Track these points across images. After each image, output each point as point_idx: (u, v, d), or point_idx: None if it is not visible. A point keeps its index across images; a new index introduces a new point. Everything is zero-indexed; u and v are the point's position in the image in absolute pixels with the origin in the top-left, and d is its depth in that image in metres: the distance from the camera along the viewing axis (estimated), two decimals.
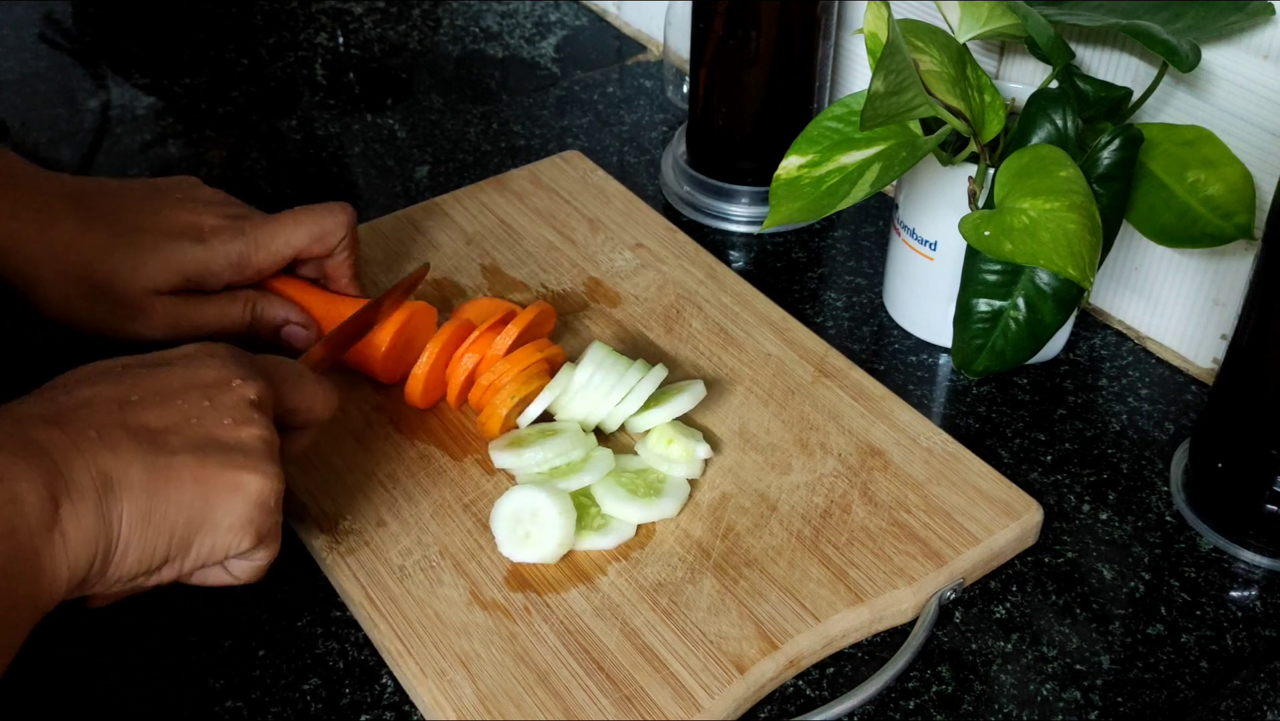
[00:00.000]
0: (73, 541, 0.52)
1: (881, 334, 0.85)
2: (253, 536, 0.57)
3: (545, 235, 0.89)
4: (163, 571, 0.57)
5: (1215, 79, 0.74)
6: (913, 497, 0.70)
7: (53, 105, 1.05)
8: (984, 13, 0.74)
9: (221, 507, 0.56)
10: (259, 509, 0.57)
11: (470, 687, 0.61)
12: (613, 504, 0.68)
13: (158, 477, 0.54)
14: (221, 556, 0.58)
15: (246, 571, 0.60)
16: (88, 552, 0.53)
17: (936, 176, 0.77)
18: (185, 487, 0.55)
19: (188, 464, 0.55)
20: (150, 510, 0.54)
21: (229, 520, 0.56)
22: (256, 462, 0.57)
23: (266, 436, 0.58)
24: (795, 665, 0.63)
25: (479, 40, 1.15)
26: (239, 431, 0.57)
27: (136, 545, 0.54)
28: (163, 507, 0.54)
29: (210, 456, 0.56)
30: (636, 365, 0.73)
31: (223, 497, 0.56)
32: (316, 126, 1.04)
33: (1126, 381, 0.81)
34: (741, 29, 0.87)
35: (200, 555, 0.57)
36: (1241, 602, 0.68)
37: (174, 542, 0.55)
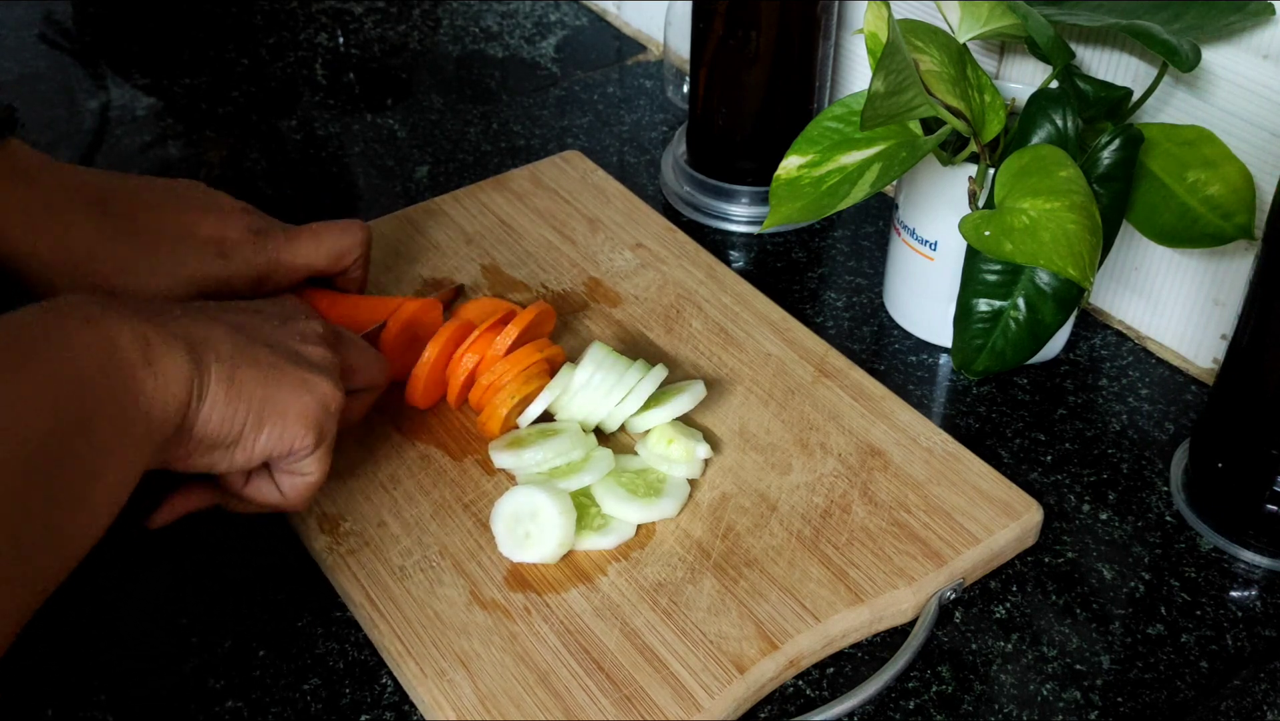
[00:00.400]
0: (169, 377, 0.56)
1: (881, 334, 0.85)
2: (315, 434, 0.61)
3: (545, 235, 0.89)
4: (235, 451, 0.60)
5: (1215, 79, 0.74)
6: (913, 497, 0.70)
7: (53, 105, 1.05)
8: (984, 13, 0.74)
9: (292, 397, 0.60)
10: (322, 408, 0.61)
11: (470, 687, 0.61)
12: (613, 504, 0.68)
13: (240, 352, 0.59)
14: (287, 447, 0.61)
15: (295, 489, 0.64)
16: (183, 390, 0.56)
17: (936, 176, 0.77)
18: (263, 369, 0.60)
19: (265, 352, 0.60)
20: (234, 374, 0.58)
21: (296, 409, 0.60)
22: (324, 371, 0.62)
23: (333, 359, 0.64)
24: (795, 665, 0.64)
25: (479, 40, 1.15)
26: (309, 348, 0.63)
27: (221, 403, 0.58)
28: (243, 376, 0.59)
29: (283, 353, 0.61)
30: (636, 365, 0.73)
31: (294, 388, 0.60)
32: (316, 126, 1.04)
33: (1126, 381, 0.81)
34: (741, 29, 0.87)
35: (270, 440, 0.60)
36: (1241, 602, 0.68)
37: (250, 415, 0.59)
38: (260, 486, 0.64)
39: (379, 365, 0.69)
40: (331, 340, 0.65)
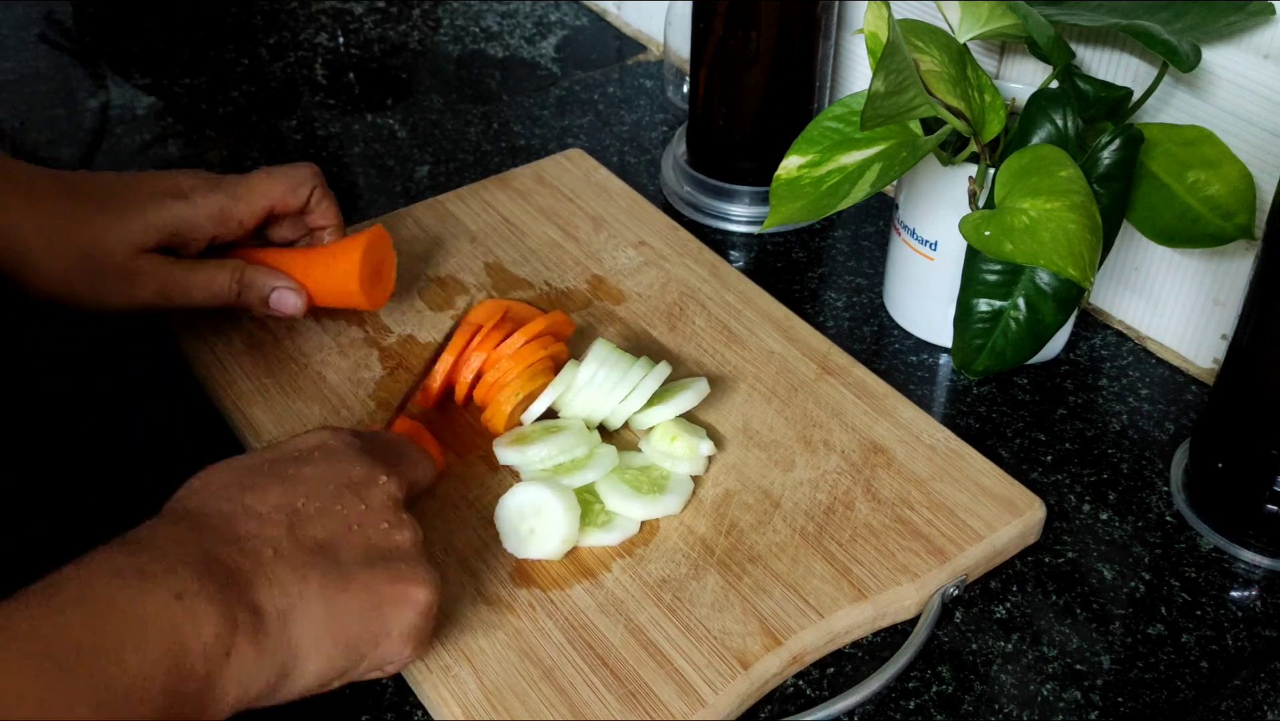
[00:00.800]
0: (246, 667, 0.52)
1: (882, 334, 0.85)
2: (418, 644, 0.58)
3: (549, 233, 0.89)
4: (332, 684, 0.57)
5: (1215, 79, 0.75)
6: (916, 494, 0.70)
7: (53, 105, 1.05)
8: (984, 13, 0.74)
9: (393, 617, 0.56)
10: (425, 617, 0.57)
11: (475, 683, 0.61)
12: (617, 500, 0.68)
13: (334, 590, 0.55)
14: (388, 664, 0.58)
15: (396, 668, 0.59)
16: (264, 677, 0.53)
17: (937, 176, 0.77)
18: (359, 599, 0.55)
19: (359, 576, 0.56)
20: (330, 624, 0.54)
21: (399, 629, 0.57)
22: (418, 571, 0.58)
23: (418, 538, 0.59)
24: (799, 661, 0.64)
25: (479, 40, 1.15)
26: (396, 536, 0.58)
27: (315, 660, 0.54)
28: (341, 621, 0.55)
29: (378, 568, 0.56)
30: (640, 362, 0.73)
31: (394, 608, 0.56)
32: (316, 126, 1.04)
33: (1126, 381, 0.81)
34: (741, 29, 0.87)
35: (372, 664, 0.57)
36: (1241, 602, 0.68)
37: (350, 654, 0.56)
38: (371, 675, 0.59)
39: (428, 468, 0.66)
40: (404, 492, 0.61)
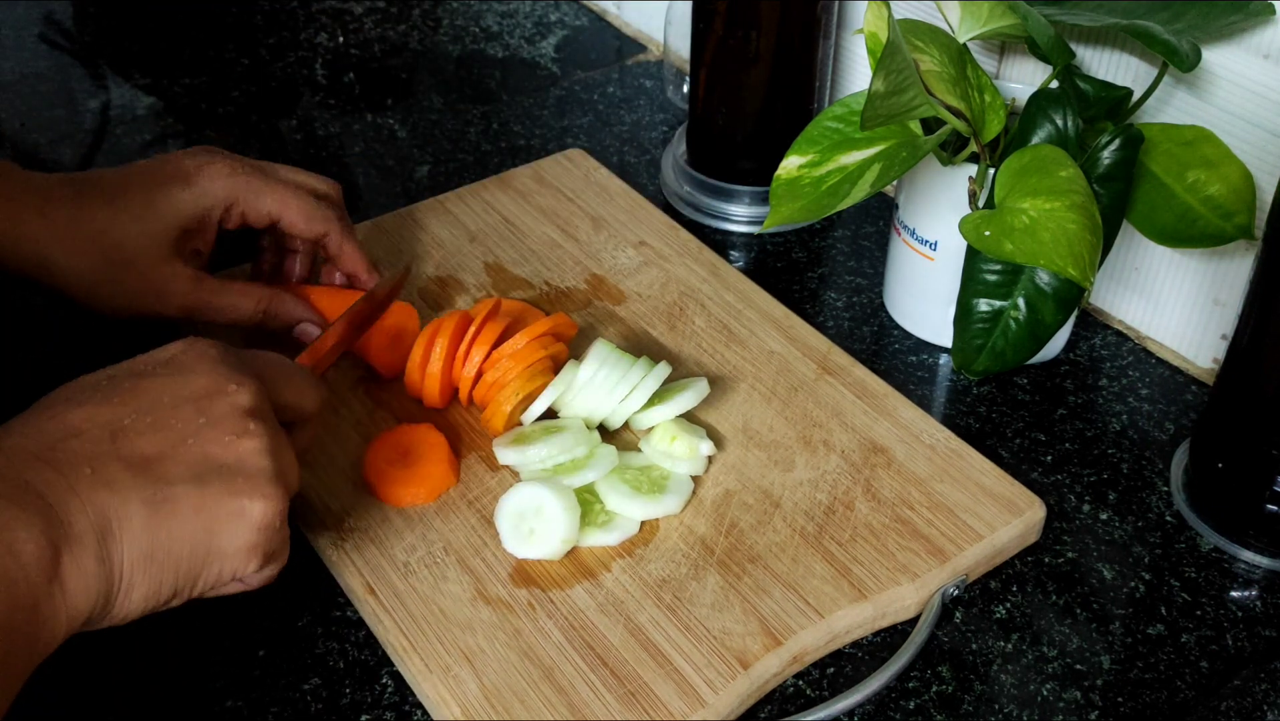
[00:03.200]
0: (72, 590, 0.50)
1: (882, 334, 0.85)
2: (259, 558, 0.56)
3: (548, 233, 0.89)
4: (171, 602, 0.55)
5: (1215, 79, 0.75)
6: (916, 494, 0.70)
7: (53, 105, 1.05)
8: (984, 13, 0.74)
9: (226, 535, 0.54)
10: (264, 532, 0.55)
11: (475, 683, 0.61)
12: (616, 500, 0.68)
13: (158, 513, 0.52)
14: (229, 580, 0.56)
15: (257, 580, 0.58)
16: (88, 600, 0.51)
17: (936, 176, 0.77)
18: (187, 519, 0.53)
19: (188, 494, 0.53)
20: (153, 548, 0.52)
21: (234, 546, 0.54)
22: (258, 485, 0.55)
23: (267, 446, 0.56)
24: (799, 661, 0.64)
25: (479, 40, 1.15)
26: (238, 447, 0.55)
27: (140, 584, 0.53)
28: (166, 543, 0.53)
29: (210, 483, 0.54)
30: (640, 362, 0.73)
31: (226, 525, 0.54)
32: (316, 126, 1.04)
33: (1126, 381, 0.81)
34: (741, 29, 0.87)
35: (208, 582, 0.55)
36: (1241, 602, 0.68)
37: (180, 576, 0.54)
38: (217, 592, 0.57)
39: (314, 391, 0.63)
40: (262, 404, 0.57)
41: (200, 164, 0.74)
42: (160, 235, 0.73)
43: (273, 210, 0.75)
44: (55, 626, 0.50)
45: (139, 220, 0.72)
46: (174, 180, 0.74)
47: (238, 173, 0.75)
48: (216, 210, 0.74)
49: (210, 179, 0.74)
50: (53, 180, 0.73)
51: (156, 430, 0.54)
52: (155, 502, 0.52)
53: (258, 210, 0.75)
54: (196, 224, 0.74)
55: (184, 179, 0.74)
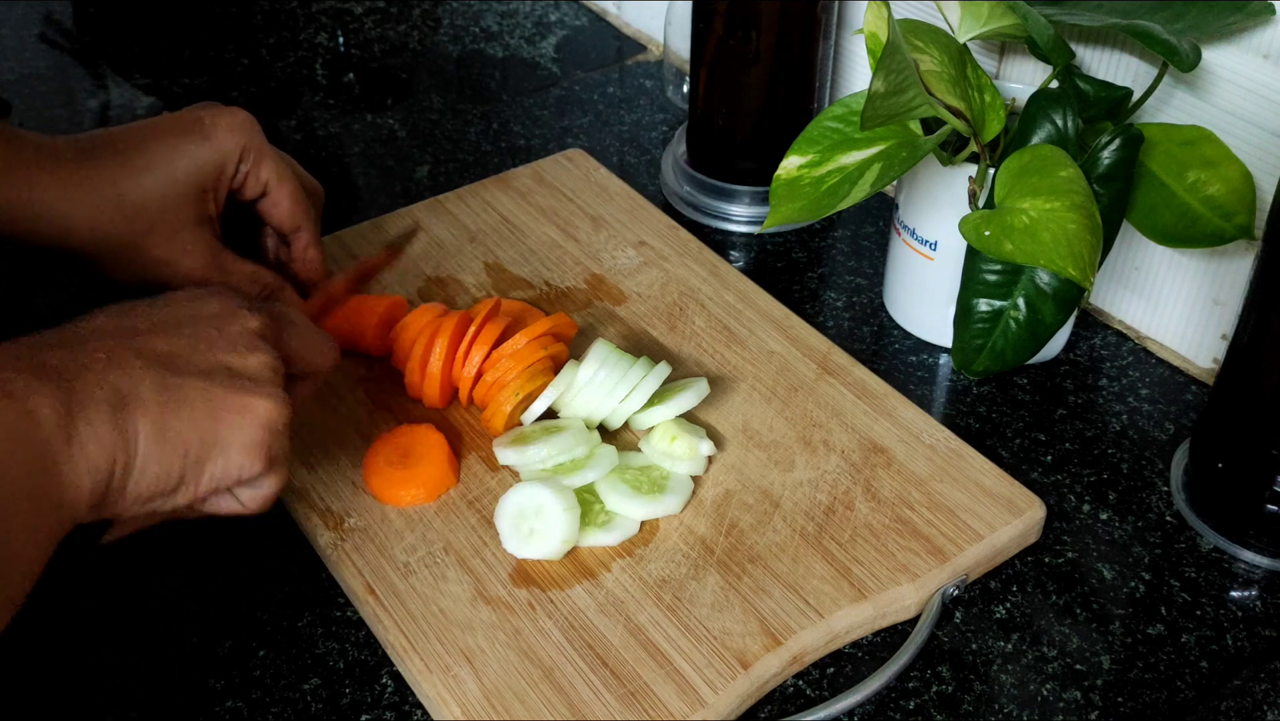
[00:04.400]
0: (91, 452, 0.52)
1: (882, 334, 0.85)
2: (263, 459, 0.58)
3: (548, 233, 0.89)
4: (178, 494, 0.56)
5: (1215, 79, 0.75)
6: (916, 494, 0.70)
7: (53, 105, 1.05)
8: (984, 13, 0.74)
9: (233, 428, 0.56)
10: (268, 431, 0.57)
11: (475, 683, 0.61)
12: (616, 500, 0.68)
13: (169, 396, 0.55)
14: (234, 479, 0.58)
15: (255, 500, 0.60)
16: (106, 463, 0.53)
17: (936, 176, 0.77)
18: (196, 407, 0.55)
19: (197, 385, 0.56)
20: (165, 426, 0.54)
21: (240, 440, 0.57)
22: (264, 387, 0.58)
23: (273, 363, 0.59)
24: (799, 661, 0.64)
25: (479, 40, 1.15)
26: (246, 358, 0.58)
27: (154, 460, 0.54)
28: (176, 425, 0.55)
29: (218, 379, 0.56)
30: (640, 362, 0.73)
31: (233, 419, 0.56)
32: (316, 126, 1.04)
33: (1126, 381, 0.81)
34: (741, 29, 0.87)
35: (214, 476, 0.57)
36: (1241, 602, 0.68)
37: (188, 461, 0.55)
38: (217, 502, 0.60)
39: (324, 347, 0.65)
40: (272, 333, 0.61)
41: (213, 115, 0.73)
42: (182, 198, 0.72)
43: (270, 180, 0.75)
44: (77, 490, 0.52)
45: (160, 182, 0.71)
46: (190, 134, 0.72)
47: (250, 126, 0.74)
48: (231, 162, 0.73)
49: (226, 129, 0.73)
50: (60, 143, 0.72)
51: (171, 335, 0.57)
52: (166, 388, 0.55)
53: (258, 173, 0.74)
54: (213, 180, 0.73)
55: (200, 132, 0.73)
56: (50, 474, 0.51)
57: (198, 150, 0.72)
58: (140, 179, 0.71)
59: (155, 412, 0.54)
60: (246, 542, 0.70)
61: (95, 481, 0.53)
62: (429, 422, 0.73)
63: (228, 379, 0.57)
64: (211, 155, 0.72)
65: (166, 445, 0.55)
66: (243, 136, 0.73)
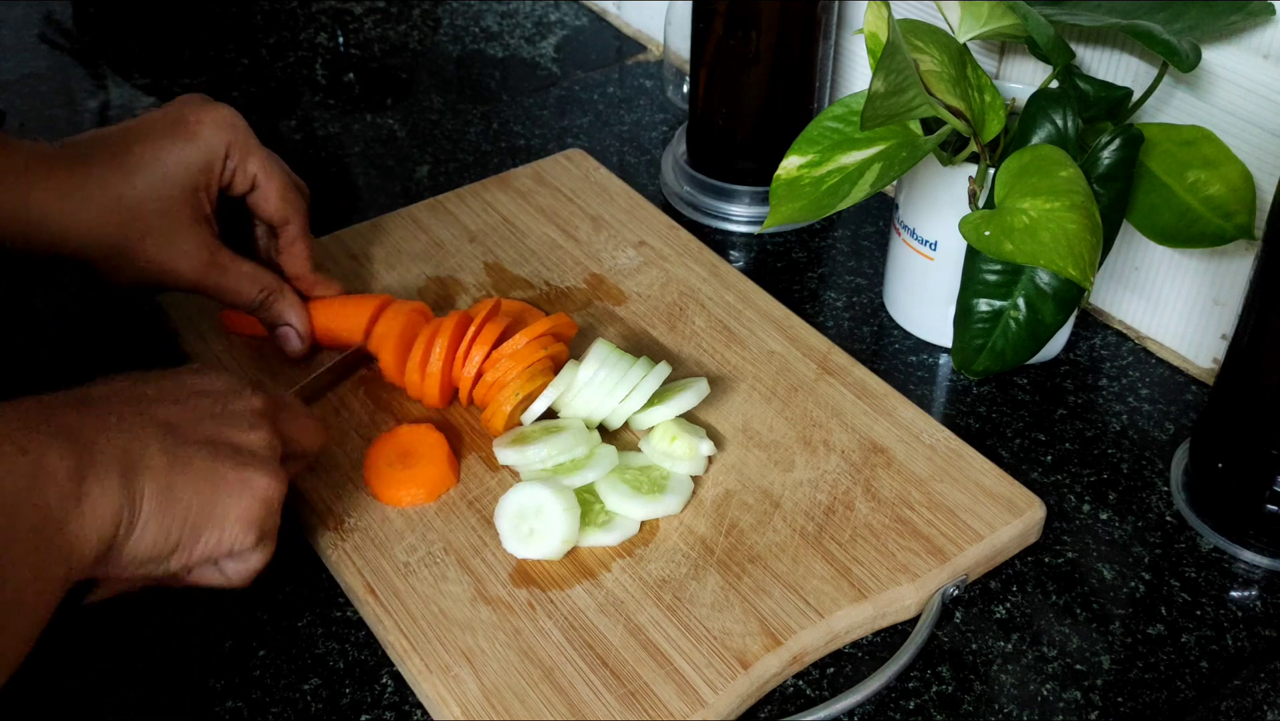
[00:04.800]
0: (99, 510, 0.54)
1: (882, 334, 0.85)
2: (256, 533, 0.60)
3: (548, 233, 0.89)
4: (171, 560, 0.58)
5: (1215, 79, 0.75)
6: (916, 494, 0.70)
7: (53, 105, 1.05)
8: (984, 13, 0.74)
9: (231, 500, 0.59)
10: (264, 506, 0.60)
11: (475, 683, 0.61)
12: (616, 500, 0.68)
13: (175, 463, 0.57)
14: (226, 550, 0.59)
15: (239, 574, 0.62)
16: (112, 522, 0.54)
17: (936, 176, 0.77)
18: (200, 476, 0.58)
19: (202, 455, 0.58)
20: (169, 492, 0.56)
21: (237, 512, 0.59)
22: (264, 464, 0.60)
23: (273, 441, 0.62)
24: (799, 661, 0.64)
25: (479, 40, 1.15)
26: (249, 435, 0.61)
27: (154, 524, 0.56)
28: (179, 491, 0.57)
29: (223, 452, 0.59)
30: (640, 362, 0.73)
31: (233, 491, 0.59)
32: (316, 126, 1.04)
33: (1126, 381, 0.81)
34: (741, 29, 0.87)
35: (208, 546, 0.59)
36: (1241, 602, 0.68)
37: (186, 529, 0.57)
38: (202, 573, 0.61)
39: (315, 430, 0.67)
40: (271, 413, 0.63)
41: (197, 112, 0.73)
42: (175, 199, 0.72)
43: (258, 175, 0.75)
44: (84, 545, 0.53)
45: (152, 183, 0.71)
46: (176, 133, 0.72)
47: (235, 122, 0.74)
48: (219, 159, 0.73)
49: (211, 127, 0.73)
50: (51, 149, 0.71)
51: (179, 405, 0.60)
52: (172, 455, 0.57)
53: (245, 168, 0.74)
54: (204, 178, 0.73)
55: (185, 131, 0.73)
56: (60, 528, 0.52)
57: (185, 149, 0.72)
58: (131, 182, 0.71)
59: (161, 478, 0.56)
60: None
61: (100, 538, 0.54)
62: (429, 422, 0.73)
63: (230, 452, 0.59)
64: (199, 153, 0.73)
65: (168, 510, 0.56)
66: (228, 132, 0.73)
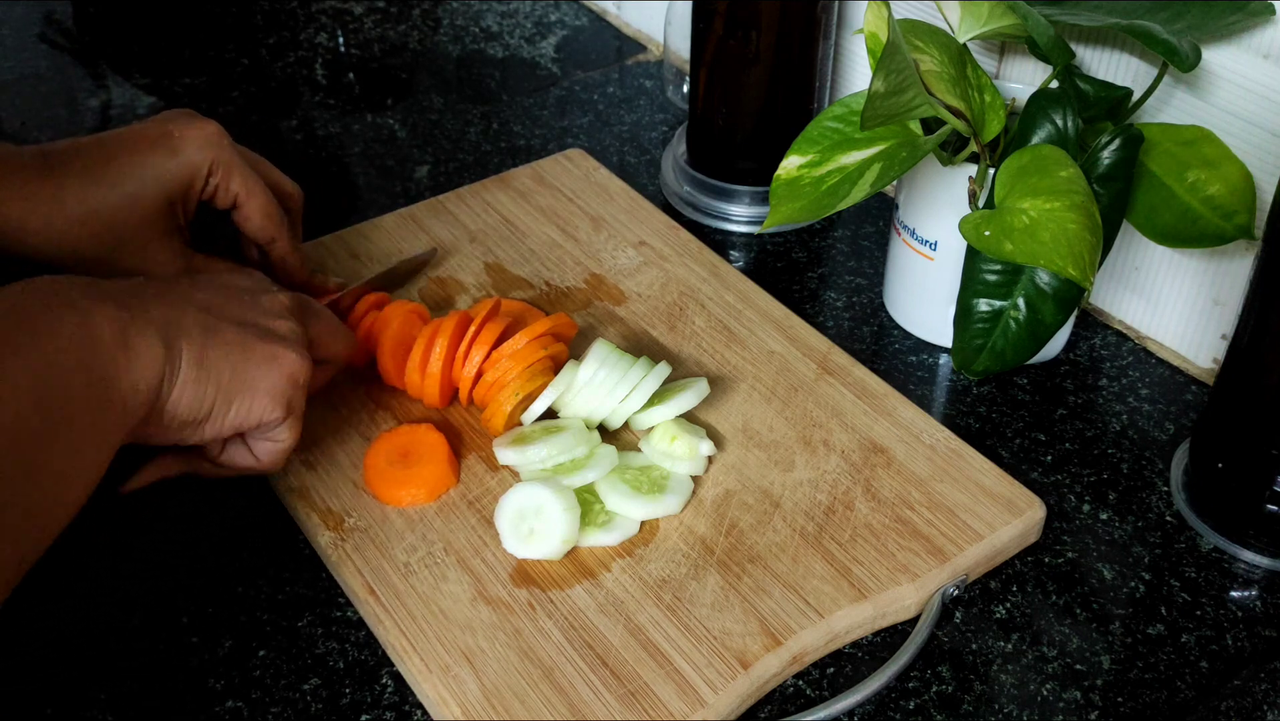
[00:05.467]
0: (144, 364, 0.58)
1: (882, 334, 0.85)
2: (283, 407, 0.64)
3: (548, 233, 0.89)
4: (205, 427, 0.63)
5: (1215, 79, 0.75)
6: (916, 494, 0.70)
7: (53, 105, 1.05)
8: (984, 13, 0.74)
9: (260, 372, 0.63)
10: (290, 381, 0.64)
11: (475, 683, 0.61)
12: (616, 500, 0.68)
13: (209, 333, 0.61)
14: (255, 421, 0.64)
15: (269, 454, 0.66)
16: (155, 377, 0.59)
17: (936, 176, 0.77)
18: (231, 348, 0.62)
19: (233, 329, 0.63)
20: (204, 356, 0.61)
21: (265, 384, 0.63)
22: (291, 344, 0.65)
23: (299, 330, 0.66)
24: (799, 661, 0.64)
25: (479, 40, 1.15)
26: (276, 322, 0.65)
27: (191, 385, 0.61)
28: (213, 357, 0.61)
29: (251, 330, 0.63)
30: (640, 362, 0.73)
31: (261, 364, 0.63)
32: (316, 126, 1.04)
33: (1126, 381, 0.81)
34: (741, 29, 0.87)
35: (239, 414, 0.63)
36: (1241, 602, 0.68)
37: (219, 394, 0.62)
38: (234, 453, 0.67)
39: (344, 337, 0.72)
40: (298, 312, 0.67)
41: (182, 128, 0.73)
42: (150, 213, 0.72)
43: (240, 193, 0.75)
44: (133, 396, 0.58)
45: (129, 198, 0.72)
46: (158, 148, 0.73)
47: (220, 140, 0.74)
48: (200, 177, 0.73)
49: (193, 143, 0.73)
50: (27, 156, 0.71)
51: (212, 292, 0.64)
52: (207, 327, 0.62)
53: (227, 186, 0.74)
54: (181, 193, 0.73)
55: (169, 146, 0.73)
56: (109, 381, 0.57)
57: (166, 164, 0.72)
58: (109, 195, 0.71)
59: (198, 343, 0.61)
60: (247, 543, 0.70)
61: (147, 391, 0.59)
62: (429, 422, 0.73)
63: (259, 331, 0.64)
64: (179, 170, 0.73)
65: (203, 373, 0.61)
66: (211, 151, 0.73)
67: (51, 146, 0.73)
